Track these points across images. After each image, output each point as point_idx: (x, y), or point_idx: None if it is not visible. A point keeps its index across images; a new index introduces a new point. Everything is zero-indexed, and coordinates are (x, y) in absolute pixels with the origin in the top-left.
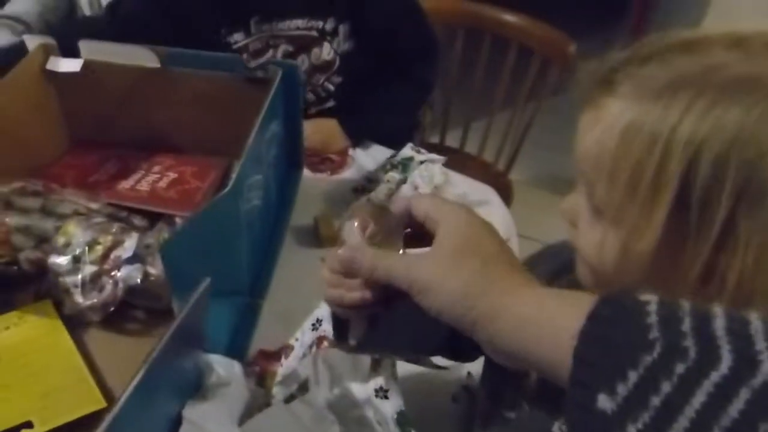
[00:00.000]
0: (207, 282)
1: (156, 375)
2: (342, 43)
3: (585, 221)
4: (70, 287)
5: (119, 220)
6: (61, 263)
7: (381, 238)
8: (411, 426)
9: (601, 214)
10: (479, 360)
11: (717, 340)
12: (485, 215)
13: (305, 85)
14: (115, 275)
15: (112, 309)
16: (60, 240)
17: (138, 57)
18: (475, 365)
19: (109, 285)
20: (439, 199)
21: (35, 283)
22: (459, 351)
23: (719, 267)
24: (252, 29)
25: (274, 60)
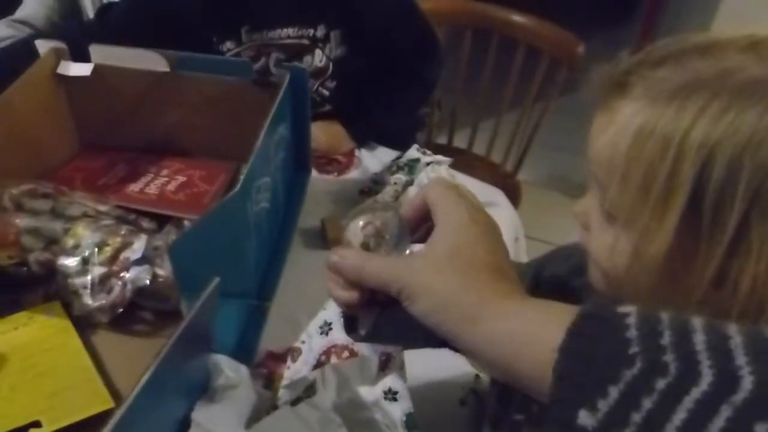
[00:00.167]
0: (216, 282)
1: (163, 376)
2: (334, 49)
3: (597, 224)
4: (79, 288)
5: (128, 222)
6: (70, 265)
7: (387, 238)
8: (419, 429)
9: (614, 217)
10: None
11: (697, 355)
12: (493, 217)
13: None
14: (124, 277)
15: (120, 310)
16: (69, 242)
17: (148, 61)
18: None
19: (118, 286)
20: (447, 193)
21: (44, 285)
22: None
23: (732, 272)
24: (243, 38)
25: (280, 63)
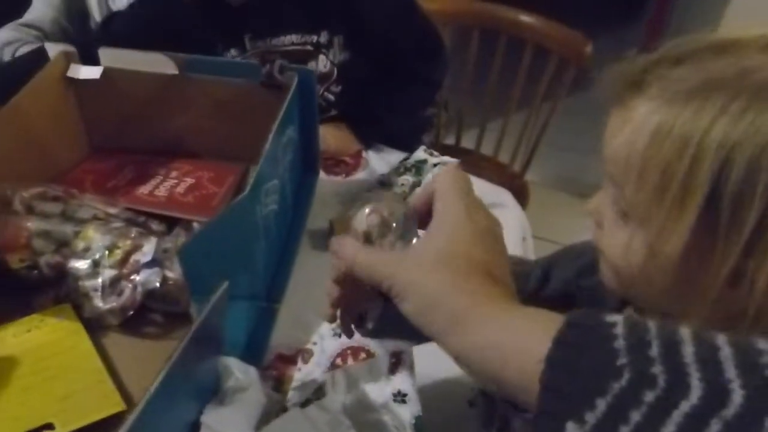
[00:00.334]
0: (225, 286)
1: (174, 379)
2: (338, 54)
3: (611, 222)
4: (89, 291)
5: (137, 224)
6: (81, 267)
7: (393, 228)
8: None
9: (628, 215)
10: None
11: (686, 367)
12: (500, 218)
13: None
14: (134, 279)
15: (130, 312)
16: (80, 244)
17: (156, 64)
18: None
19: (128, 289)
20: (453, 186)
21: (55, 287)
22: None
23: (748, 271)
24: (247, 45)
25: (287, 65)
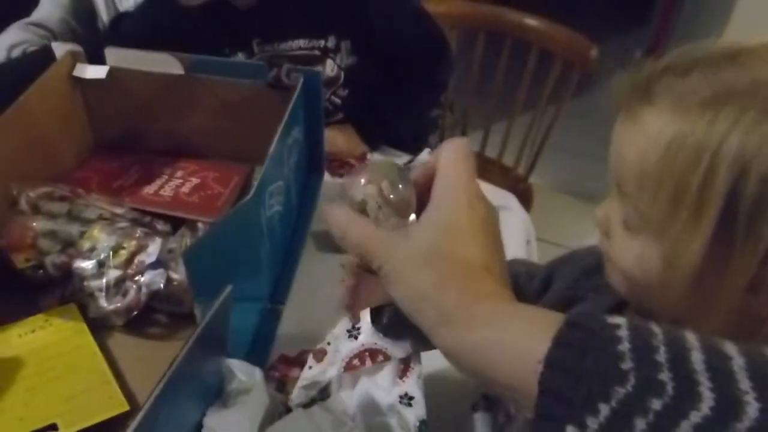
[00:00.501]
0: (229, 290)
1: (179, 381)
2: (345, 58)
3: (620, 232)
4: (94, 291)
5: (142, 224)
6: (86, 267)
7: (391, 201)
8: None
9: (640, 226)
10: None
11: (696, 375)
12: (505, 221)
13: None
14: (139, 280)
15: (135, 313)
16: (85, 244)
17: (162, 64)
18: None
19: (133, 290)
20: (457, 165)
21: (61, 287)
22: None
23: (767, 280)
24: (255, 49)
25: (294, 69)
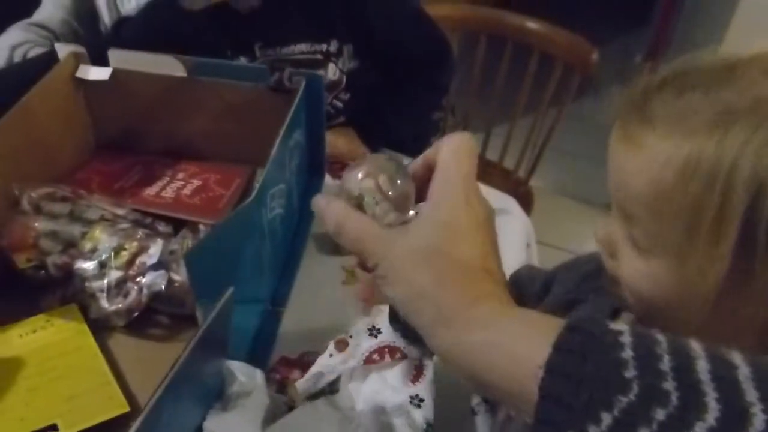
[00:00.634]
0: (230, 292)
1: (180, 383)
2: (347, 62)
3: (630, 253)
4: (96, 292)
5: (144, 226)
6: (88, 268)
7: (389, 195)
8: None
9: (653, 249)
10: None
11: (701, 384)
12: (505, 225)
13: None
14: (140, 281)
15: (136, 314)
16: (87, 245)
17: (165, 66)
18: None
19: (134, 291)
20: (459, 162)
21: (62, 288)
22: None
23: None
24: (257, 54)
25: (295, 71)
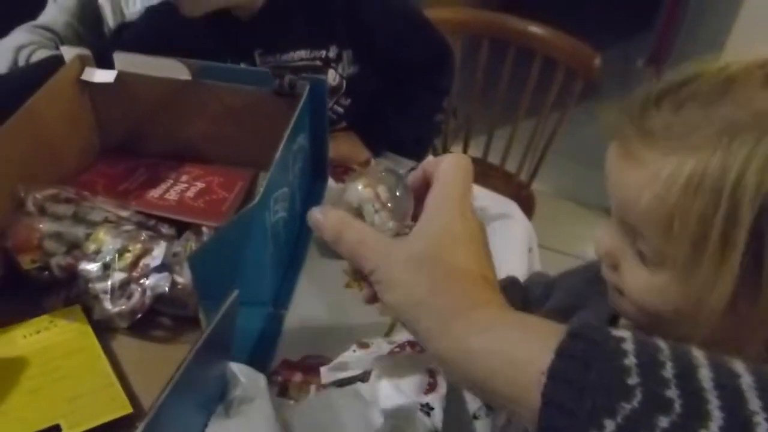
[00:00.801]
0: (235, 295)
1: (185, 386)
2: (347, 67)
3: (635, 266)
4: (99, 293)
5: (148, 228)
6: (91, 269)
7: (388, 206)
8: None
9: (658, 263)
10: None
11: (704, 393)
12: (506, 229)
13: None
14: (144, 283)
15: (139, 316)
16: (91, 247)
17: (170, 69)
18: None
19: (138, 292)
20: (455, 177)
21: (66, 289)
22: None
23: None
24: (257, 61)
25: (296, 79)
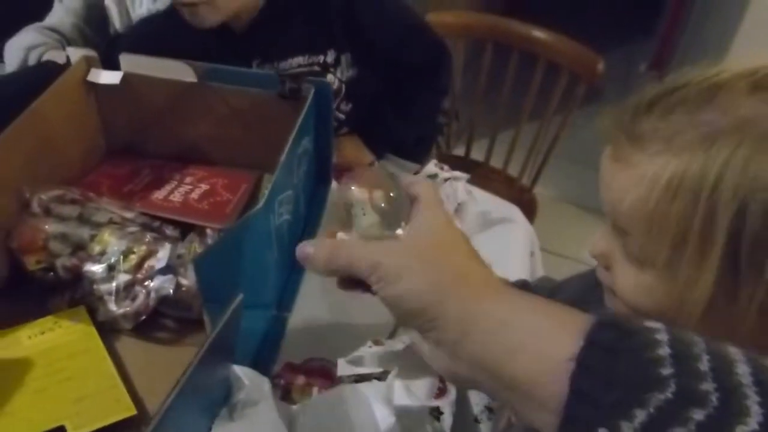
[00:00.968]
0: (240, 298)
1: (190, 389)
2: (346, 71)
3: (623, 266)
4: (104, 295)
5: (152, 229)
6: (96, 271)
7: (381, 208)
8: None
9: (645, 262)
10: None
11: (743, 388)
12: (508, 233)
13: None
14: (148, 285)
15: (143, 317)
16: (96, 248)
17: (176, 71)
18: None
19: (142, 294)
20: (433, 193)
21: (70, 290)
22: None
23: None
24: (255, 69)
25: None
